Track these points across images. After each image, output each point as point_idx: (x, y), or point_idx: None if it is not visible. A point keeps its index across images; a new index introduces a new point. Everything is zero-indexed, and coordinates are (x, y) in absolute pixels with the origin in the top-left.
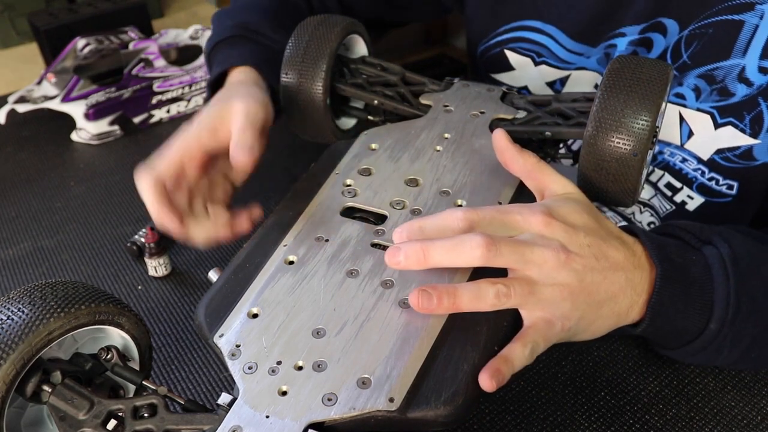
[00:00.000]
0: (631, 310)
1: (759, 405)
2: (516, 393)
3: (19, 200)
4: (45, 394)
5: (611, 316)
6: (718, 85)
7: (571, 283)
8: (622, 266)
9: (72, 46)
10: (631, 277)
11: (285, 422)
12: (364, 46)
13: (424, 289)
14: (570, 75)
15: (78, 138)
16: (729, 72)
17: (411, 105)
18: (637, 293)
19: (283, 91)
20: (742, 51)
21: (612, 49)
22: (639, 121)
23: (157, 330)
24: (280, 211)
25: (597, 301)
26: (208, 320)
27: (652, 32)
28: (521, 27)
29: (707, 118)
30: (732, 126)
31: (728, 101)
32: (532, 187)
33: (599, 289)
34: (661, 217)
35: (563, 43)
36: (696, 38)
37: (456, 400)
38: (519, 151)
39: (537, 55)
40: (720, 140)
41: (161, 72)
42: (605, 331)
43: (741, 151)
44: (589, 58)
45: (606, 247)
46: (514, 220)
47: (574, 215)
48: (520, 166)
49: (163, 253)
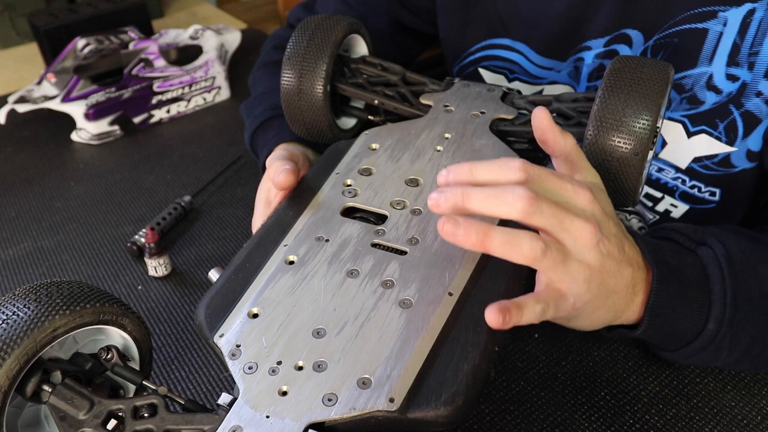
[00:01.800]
0: (628, 309)
1: (759, 405)
2: (516, 393)
3: (19, 200)
4: (45, 394)
5: (611, 309)
6: (688, 94)
7: (595, 264)
8: (632, 263)
9: (72, 46)
10: (635, 276)
11: (285, 422)
12: (365, 46)
13: (453, 217)
14: (543, 90)
15: (78, 138)
16: (697, 80)
17: (411, 105)
18: (634, 292)
19: (283, 91)
20: (708, 59)
21: (580, 62)
22: (640, 121)
23: (157, 330)
24: (280, 211)
25: (607, 290)
26: (208, 320)
27: (617, 44)
28: (492, 45)
29: (679, 127)
30: (706, 134)
31: (698, 109)
32: (564, 170)
33: (612, 279)
34: (648, 225)
35: (533, 59)
36: (662, 48)
37: (456, 400)
38: (561, 132)
39: (509, 72)
40: (695, 149)
41: (161, 72)
42: (601, 324)
43: (719, 159)
44: (560, 72)
45: (625, 241)
46: (565, 187)
47: (607, 204)
48: (560, 146)
49: (163, 253)
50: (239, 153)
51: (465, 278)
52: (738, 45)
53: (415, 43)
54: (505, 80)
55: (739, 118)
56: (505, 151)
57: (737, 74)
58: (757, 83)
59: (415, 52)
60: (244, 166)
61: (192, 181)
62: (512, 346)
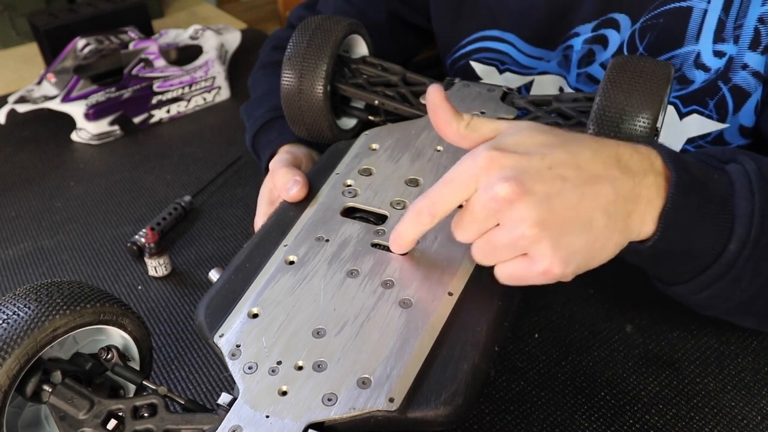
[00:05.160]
0: (641, 223)
1: (759, 405)
2: (516, 393)
3: (19, 200)
4: (45, 394)
5: (614, 232)
6: (677, 74)
7: (537, 216)
8: (604, 176)
9: (72, 46)
10: (644, 182)
11: (285, 422)
12: (365, 46)
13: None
14: (533, 80)
15: (78, 138)
16: (685, 59)
17: (411, 105)
18: (648, 201)
19: (283, 91)
20: (694, 37)
21: (569, 50)
22: (640, 121)
23: (157, 330)
24: (280, 211)
25: (582, 224)
26: (208, 320)
27: (605, 29)
28: (482, 37)
29: (671, 110)
30: (697, 114)
31: (689, 89)
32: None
33: (579, 211)
34: None
35: (522, 49)
36: (649, 30)
37: (456, 400)
38: (455, 114)
39: (500, 63)
40: (688, 130)
41: (161, 72)
42: (616, 249)
43: (712, 138)
44: (549, 62)
45: (575, 162)
46: (459, 184)
47: (525, 141)
48: (453, 131)
49: (163, 253)
50: (239, 153)
51: (465, 278)
52: (723, 21)
53: (415, 39)
54: (496, 72)
55: (728, 94)
56: None
57: (724, 50)
58: (743, 56)
59: (414, 49)
60: (244, 166)
61: (192, 181)
62: (512, 346)
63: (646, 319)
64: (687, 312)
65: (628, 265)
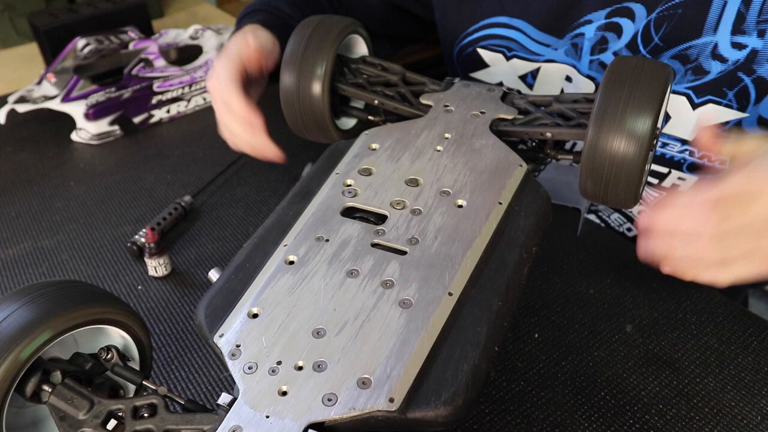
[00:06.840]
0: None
1: (759, 405)
2: (516, 393)
3: (19, 200)
4: (45, 394)
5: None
6: (693, 64)
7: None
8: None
9: (72, 46)
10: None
11: (285, 422)
12: (365, 46)
13: None
14: (540, 68)
15: (78, 138)
16: (702, 50)
17: (411, 105)
18: None
19: (282, 92)
20: (713, 28)
21: (580, 38)
22: (640, 122)
23: (157, 330)
24: (280, 211)
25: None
26: (208, 320)
27: (619, 17)
28: (490, 24)
29: (684, 100)
30: (713, 103)
31: (703, 79)
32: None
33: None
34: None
35: (531, 35)
36: (665, 20)
37: (456, 400)
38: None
39: (507, 49)
40: (701, 119)
41: (161, 72)
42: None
43: (730, 126)
44: (557, 50)
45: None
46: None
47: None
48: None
49: (163, 253)
50: (239, 153)
51: (465, 278)
52: (743, 13)
53: (411, 25)
54: (503, 58)
55: (751, 85)
56: (505, 151)
57: (744, 42)
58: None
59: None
60: (244, 166)
61: (192, 181)
62: (512, 346)
63: (646, 319)
64: (687, 312)
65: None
